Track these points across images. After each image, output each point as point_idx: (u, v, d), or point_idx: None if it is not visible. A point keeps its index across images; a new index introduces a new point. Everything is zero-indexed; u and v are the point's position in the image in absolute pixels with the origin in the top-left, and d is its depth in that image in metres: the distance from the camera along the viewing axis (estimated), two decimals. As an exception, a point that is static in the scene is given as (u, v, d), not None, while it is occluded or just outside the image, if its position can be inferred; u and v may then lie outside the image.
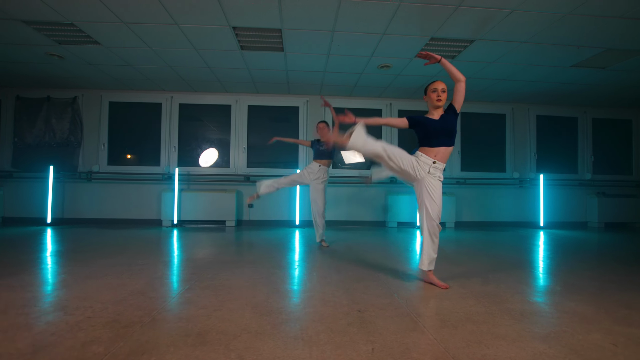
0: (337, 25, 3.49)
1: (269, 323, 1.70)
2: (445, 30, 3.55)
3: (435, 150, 2.35)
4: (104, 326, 1.62)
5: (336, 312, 1.87)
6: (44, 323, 1.65)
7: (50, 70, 4.87)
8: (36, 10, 3.26)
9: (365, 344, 1.50)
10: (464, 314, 1.87)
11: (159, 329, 1.61)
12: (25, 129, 5.57)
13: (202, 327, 1.64)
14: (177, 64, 4.58)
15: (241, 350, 1.42)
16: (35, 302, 1.94)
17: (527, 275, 2.77)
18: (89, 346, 1.43)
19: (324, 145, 3.76)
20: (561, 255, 3.66)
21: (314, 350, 1.43)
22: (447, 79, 2.51)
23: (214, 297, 2.08)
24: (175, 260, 3.15)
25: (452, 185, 6.07)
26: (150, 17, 3.36)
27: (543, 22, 3.33)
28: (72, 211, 5.65)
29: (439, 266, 2.73)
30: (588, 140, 6.32)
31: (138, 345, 1.44)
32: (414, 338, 1.56)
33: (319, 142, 3.85)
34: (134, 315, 1.77)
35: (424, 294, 2.22)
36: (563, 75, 4.78)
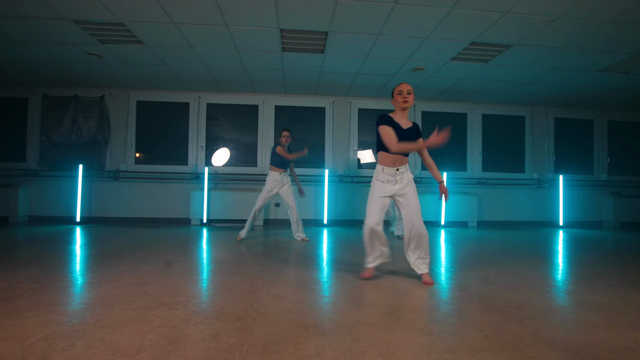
0: (384, 29, 3.58)
1: (373, 315, 1.78)
2: (486, 35, 3.67)
3: (393, 157, 2.38)
4: (217, 319, 1.69)
5: (427, 304, 1.96)
6: (157, 317, 1.70)
7: (83, 69, 4.86)
8: (91, 10, 3.28)
9: (475, 332, 1.59)
10: (544, 305, 1.98)
11: (273, 321, 1.68)
12: (53, 127, 5.54)
13: (311, 319, 1.71)
14: (214, 64, 4.62)
15: (367, 339, 1.50)
16: (131, 298, 1.98)
17: (581, 272, 2.89)
18: (220, 337, 1.49)
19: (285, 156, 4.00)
20: (601, 254, 3.81)
21: (433, 338, 1.52)
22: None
23: (300, 292, 2.16)
24: (232, 257, 3.20)
25: (474, 185, 6.22)
26: (203, 18, 3.41)
27: (583, 28, 3.47)
28: (99, 210, 5.64)
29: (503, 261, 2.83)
30: (603, 142, 6.53)
31: (266, 336, 1.51)
32: (515, 327, 1.66)
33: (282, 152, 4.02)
34: (237, 309, 1.83)
35: (494, 288, 2.31)
36: (587, 79, 4.95)
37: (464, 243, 4.30)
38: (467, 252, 3.66)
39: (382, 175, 2.40)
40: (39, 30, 3.70)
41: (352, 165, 6.06)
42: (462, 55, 4.23)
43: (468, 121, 6.29)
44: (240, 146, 6.06)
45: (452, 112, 6.27)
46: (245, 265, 2.87)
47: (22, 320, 1.64)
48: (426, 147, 2.28)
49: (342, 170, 6.02)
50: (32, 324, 1.60)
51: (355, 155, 6.10)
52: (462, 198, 5.96)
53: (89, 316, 1.70)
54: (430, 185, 6.04)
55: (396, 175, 2.39)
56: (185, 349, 1.39)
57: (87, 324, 1.61)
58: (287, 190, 4.11)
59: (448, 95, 5.90)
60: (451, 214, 5.88)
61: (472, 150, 6.28)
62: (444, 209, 5.82)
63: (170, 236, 4.40)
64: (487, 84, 5.28)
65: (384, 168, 2.41)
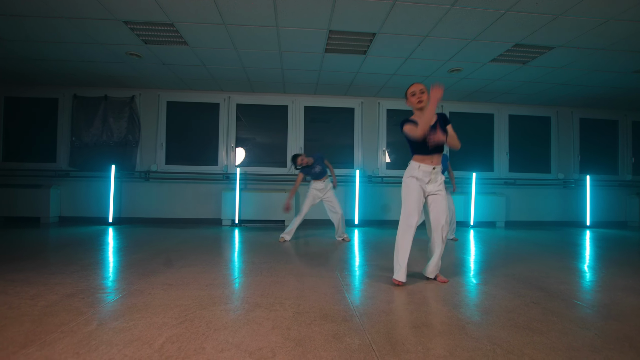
0: (433, 31, 3.60)
1: (473, 314, 1.80)
2: (533, 37, 3.70)
3: (430, 157, 2.36)
4: (325, 320, 1.70)
5: (517, 304, 1.98)
6: (263, 319, 1.71)
7: (117, 69, 4.86)
8: (145, 11, 3.29)
9: (582, 330, 1.61)
10: (629, 306, 2.00)
11: (381, 321, 1.69)
12: (83, 128, 5.52)
13: (417, 319, 1.73)
14: (253, 65, 4.63)
15: (484, 338, 1.51)
16: (223, 300, 1.99)
17: (636, 270, 2.93)
18: (342, 338, 1.50)
19: (314, 168, 4.08)
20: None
21: (548, 337, 1.54)
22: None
23: (382, 292, 2.17)
24: (289, 257, 3.21)
25: (501, 185, 6.26)
26: (255, 19, 3.42)
27: (630, 30, 3.50)
28: (130, 211, 5.63)
29: (551, 261, 2.86)
30: (628, 143, 6.59)
31: (384, 336, 1.53)
32: (617, 325, 1.68)
33: (309, 167, 4.08)
34: (336, 309, 1.85)
35: (569, 287, 2.34)
36: (620, 80, 5.00)
37: (501, 242, 4.33)
38: (511, 252, 3.68)
39: (417, 172, 2.36)
40: (85, 30, 3.69)
41: (382, 165, 6.09)
42: (502, 57, 4.26)
43: (495, 122, 6.33)
44: (270, 147, 6.07)
45: (479, 112, 6.31)
46: (309, 266, 2.88)
47: (133, 322, 1.64)
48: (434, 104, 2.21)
49: (371, 171, 6.04)
50: (145, 326, 1.60)
51: (384, 156, 6.13)
52: (489, 198, 6.00)
53: (195, 318, 1.71)
54: (458, 185, 6.07)
55: (432, 174, 2.37)
56: (317, 349, 1.40)
57: (199, 326, 1.62)
58: (331, 196, 4.16)
59: (476, 96, 5.94)
60: (480, 214, 5.92)
61: (499, 151, 6.32)
62: (473, 209, 5.86)
63: (209, 237, 4.40)
64: (518, 84, 5.32)
65: (420, 165, 2.36)
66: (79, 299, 1.97)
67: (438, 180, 2.42)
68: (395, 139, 6.27)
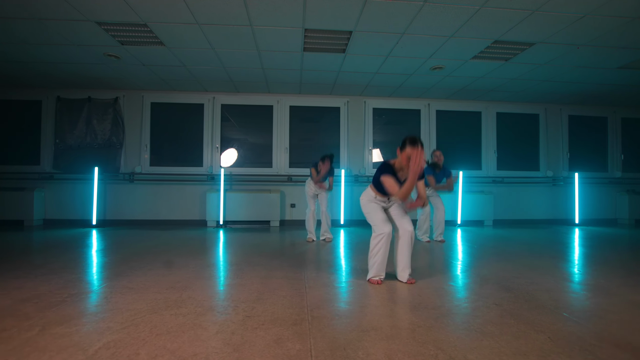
0: (409, 28, 3.56)
1: (429, 317, 1.76)
2: (511, 33, 3.65)
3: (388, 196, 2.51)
4: (273, 324, 1.66)
5: (477, 305, 1.94)
6: (211, 323, 1.68)
7: (99, 71, 4.83)
8: (116, 11, 3.25)
9: (536, 333, 1.57)
10: (594, 305, 1.96)
11: (330, 325, 1.65)
12: (67, 130, 5.50)
13: (369, 322, 1.69)
14: (233, 65, 4.60)
15: (432, 342, 1.48)
16: (177, 303, 1.96)
17: (617, 270, 2.88)
18: (284, 343, 1.47)
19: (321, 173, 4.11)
20: (631, 251, 3.79)
21: (498, 340, 1.50)
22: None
23: (345, 294, 2.14)
24: (263, 260, 3.17)
25: (489, 184, 6.20)
26: (228, 19, 3.38)
27: (609, 26, 3.45)
28: (114, 213, 5.61)
29: (522, 259, 2.82)
30: (617, 139, 6.53)
31: (329, 341, 1.49)
32: (575, 327, 1.64)
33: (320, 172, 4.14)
34: (289, 312, 1.81)
35: (538, 287, 2.29)
36: (605, 76, 4.94)
37: (485, 242, 4.29)
38: (491, 252, 3.64)
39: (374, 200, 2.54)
40: (60, 32, 3.66)
41: (368, 165, 6.04)
42: (483, 54, 4.21)
43: (482, 120, 6.28)
44: (255, 147, 6.03)
45: (467, 110, 6.25)
46: (279, 268, 2.84)
47: (75, 328, 1.61)
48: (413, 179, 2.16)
49: (357, 171, 6.00)
50: (87, 332, 1.57)
51: (371, 155, 6.08)
52: (477, 197, 5.94)
53: (141, 323, 1.67)
54: (445, 184, 6.01)
55: (388, 202, 2.56)
56: (253, 356, 1.36)
57: (143, 331, 1.59)
58: (325, 193, 4.21)
59: (463, 94, 5.88)
60: (467, 213, 5.87)
61: (486, 149, 6.27)
62: (460, 208, 5.80)
63: (191, 238, 4.37)
64: (504, 82, 5.26)
65: (376, 197, 2.53)
66: (32, 303, 1.94)
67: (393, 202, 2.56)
68: (382, 138, 6.22)
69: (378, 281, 2.39)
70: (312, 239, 4.20)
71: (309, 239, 4.20)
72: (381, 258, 2.41)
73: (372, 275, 2.43)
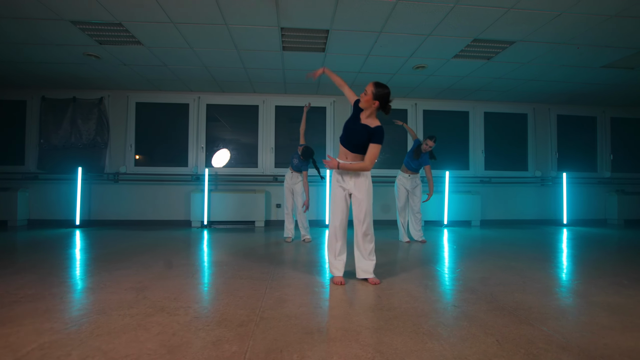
0: (385, 27, 3.53)
1: (380, 319, 1.73)
2: (490, 32, 3.62)
3: (345, 151, 2.37)
4: (218, 325, 1.63)
5: (434, 307, 1.90)
6: (156, 324, 1.65)
7: (81, 71, 4.82)
8: (89, 10, 3.24)
9: (486, 336, 1.53)
10: (555, 306, 1.92)
11: (276, 327, 1.62)
12: (51, 130, 5.49)
13: (316, 324, 1.66)
14: (214, 64, 4.57)
15: (374, 345, 1.44)
16: (130, 304, 1.93)
17: (590, 271, 2.84)
18: (221, 345, 1.44)
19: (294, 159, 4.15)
20: (608, 252, 3.74)
21: (442, 343, 1.46)
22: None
23: (304, 295, 2.10)
24: (234, 260, 3.14)
25: (477, 184, 6.16)
26: (202, 17, 3.36)
27: (587, 24, 3.41)
28: (99, 213, 5.59)
29: (499, 260, 2.79)
30: (607, 139, 6.47)
31: (269, 343, 1.46)
32: (528, 330, 1.60)
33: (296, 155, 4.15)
34: (238, 314, 1.78)
35: (502, 288, 2.26)
36: (590, 75, 4.89)
37: (468, 242, 4.24)
38: (471, 252, 3.60)
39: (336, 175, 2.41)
40: (37, 31, 3.65)
41: (354, 165, 6.00)
42: (464, 53, 4.17)
43: (470, 119, 6.23)
44: (241, 147, 6.01)
45: (454, 110, 6.21)
46: (248, 268, 2.81)
47: (17, 329, 1.59)
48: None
49: (343, 170, 5.96)
50: (27, 332, 1.55)
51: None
52: (464, 197, 5.90)
53: (86, 323, 1.65)
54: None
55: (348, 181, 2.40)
56: (185, 357, 1.33)
57: (84, 332, 1.56)
58: (299, 188, 4.12)
59: (450, 94, 5.84)
60: (454, 213, 5.82)
61: (474, 149, 6.22)
62: (447, 208, 5.76)
63: (171, 239, 4.35)
64: (489, 81, 5.22)
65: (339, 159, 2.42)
66: (-16, 304, 1.92)
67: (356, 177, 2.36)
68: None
69: (340, 281, 2.35)
70: (291, 238, 4.17)
71: (287, 238, 4.16)
72: (335, 255, 2.37)
73: (333, 274, 2.38)
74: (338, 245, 2.39)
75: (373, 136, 2.26)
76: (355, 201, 2.37)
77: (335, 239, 2.38)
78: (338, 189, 2.40)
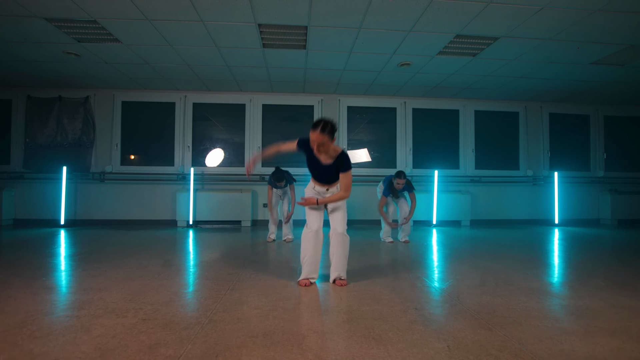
0: (364, 22, 3.46)
1: (332, 322, 1.67)
2: (472, 27, 3.54)
3: (322, 185, 2.39)
4: (163, 328, 1.58)
5: (393, 310, 1.84)
6: (100, 326, 1.60)
7: (64, 69, 4.79)
8: (60, 7, 3.19)
9: (438, 341, 1.47)
10: (521, 310, 1.85)
11: (222, 330, 1.57)
12: (37, 129, 5.47)
13: (264, 327, 1.60)
14: (196, 62, 4.53)
15: (316, 350, 1.38)
16: (82, 305, 1.88)
17: (566, 272, 2.76)
18: (157, 349, 1.38)
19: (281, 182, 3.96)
20: (590, 252, 3.66)
21: (389, 349, 1.40)
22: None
23: (262, 297, 2.04)
24: (206, 260, 3.09)
25: (467, 183, 6.07)
26: (176, 14, 3.31)
27: (571, 18, 3.32)
28: (85, 213, 5.56)
29: (478, 261, 2.72)
30: (600, 138, 6.36)
31: (207, 347, 1.40)
32: (484, 335, 1.53)
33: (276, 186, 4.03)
34: (189, 316, 1.73)
35: (472, 291, 2.19)
36: (580, 72, 4.80)
37: (452, 243, 4.17)
38: (452, 253, 3.52)
39: (313, 191, 2.45)
40: (13, 28, 3.62)
41: (342, 164, 5.93)
42: (448, 49, 4.10)
43: (460, 118, 6.15)
44: (228, 146, 5.96)
45: (444, 108, 6.13)
46: (217, 268, 2.76)
47: (-45, 331, 1.54)
48: None
49: (331, 170, 5.89)
50: (-37, 335, 1.50)
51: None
52: (454, 197, 5.81)
53: (29, 325, 1.60)
54: (421, 184, 5.91)
55: (326, 193, 2.42)
56: (116, 362, 1.28)
57: (24, 334, 1.51)
58: (287, 188, 4.08)
59: (439, 92, 5.76)
60: (443, 213, 5.74)
61: (464, 148, 6.14)
62: (436, 208, 5.68)
63: (152, 239, 4.30)
64: (478, 79, 5.14)
65: (315, 186, 2.43)
66: None
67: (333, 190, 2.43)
68: (358, 137, 6.12)
69: (307, 283, 2.30)
70: (272, 238, 4.11)
71: (268, 238, 4.10)
72: (310, 258, 2.32)
73: (302, 276, 2.33)
74: (310, 248, 2.34)
75: (341, 167, 2.25)
76: (330, 207, 2.41)
77: (309, 242, 2.33)
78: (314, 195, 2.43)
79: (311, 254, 2.33)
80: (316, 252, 2.35)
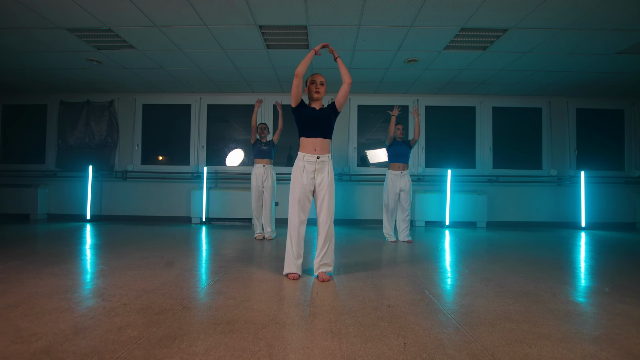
0: (363, 19, 3.44)
1: (297, 315, 1.68)
2: (476, 19, 3.40)
3: (314, 142, 2.35)
4: (138, 312, 1.68)
5: (365, 306, 1.82)
6: (84, 308, 1.73)
7: (90, 75, 5.18)
8: (77, 17, 3.47)
9: (396, 338, 1.44)
10: (501, 312, 1.76)
11: (190, 316, 1.64)
12: (68, 131, 5.96)
13: (231, 316, 1.65)
14: (206, 65, 4.72)
15: (269, 339, 1.41)
16: (76, 289, 2.04)
17: (570, 276, 2.57)
18: (125, 330, 1.47)
19: (264, 145, 4.19)
20: (608, 256, 3.38)
21: (343, 342, 1.39)
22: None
23: (242, 288, 2.10)
24: (205, 254, 3.22)
25: (484, 183, 5.81)
26: (181, 19, 3.48)
27: (585, 5, 3.10)
28: (109, 208, 5.97)
29: (477, 263, 2.60)
30: (637, 134, 5.82)
31: (170, 330, 1.47)
32: (448, 335, 1.48)
33: (260, 142, 4.21)
34: (166, 303, 1.82)
35: (457, 291, 2.12)
36: (608, 63, 4.44)
37: (460, 244, 4.01)
38: (454, 254, 3.40)
39: (302, 163, 2.36)
40: (39, 40, 3.97)
41: (352, 163, 5.91)
42: (455, 44, 3.96)
43: (477, 115, 5.90)
44: (240, 146, 6.13)
45: (459, 105, 5.91)
46: (211, 261, 2.86)
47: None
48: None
49: (340, 169, 5.89)
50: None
51: (355, 153, 5.94)
52: (469, 197, 5.58)
53: (23, 304, 1.76)
54: (434, 183, 5.73)
55: (316, 164, 2.34)
56: (84, 338, 1.38)
57: (17, 311, 1.67)
58: (269, 183, 4.16)
59: (453, 88, 5.57)
60: (457, 214, 5.53)
61: (481, 146, 5.88)
62: (449, 208, 5.49)
63: (165, 234, 4.53)
64: (492, 73, 4.91)
65: (304, 155, 2.37)
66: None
67: (324, 171, 2.36)
68: (370, 136, 6.05)
69: (295, 276, 2.32)
70: (261, 235, 4.15)
71: (256, 235, 4.13)
72: (294, 251, 2.34)
73: (286, 270, 2.36)
74: (295, 242, 2.37)
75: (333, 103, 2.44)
76: (319, 198, 2.38)
77: (293, 236, 2.36)
78: (300, 187, 2.36)
79: (296, 248, 2.36)
80: (300, 245, 2.37)
